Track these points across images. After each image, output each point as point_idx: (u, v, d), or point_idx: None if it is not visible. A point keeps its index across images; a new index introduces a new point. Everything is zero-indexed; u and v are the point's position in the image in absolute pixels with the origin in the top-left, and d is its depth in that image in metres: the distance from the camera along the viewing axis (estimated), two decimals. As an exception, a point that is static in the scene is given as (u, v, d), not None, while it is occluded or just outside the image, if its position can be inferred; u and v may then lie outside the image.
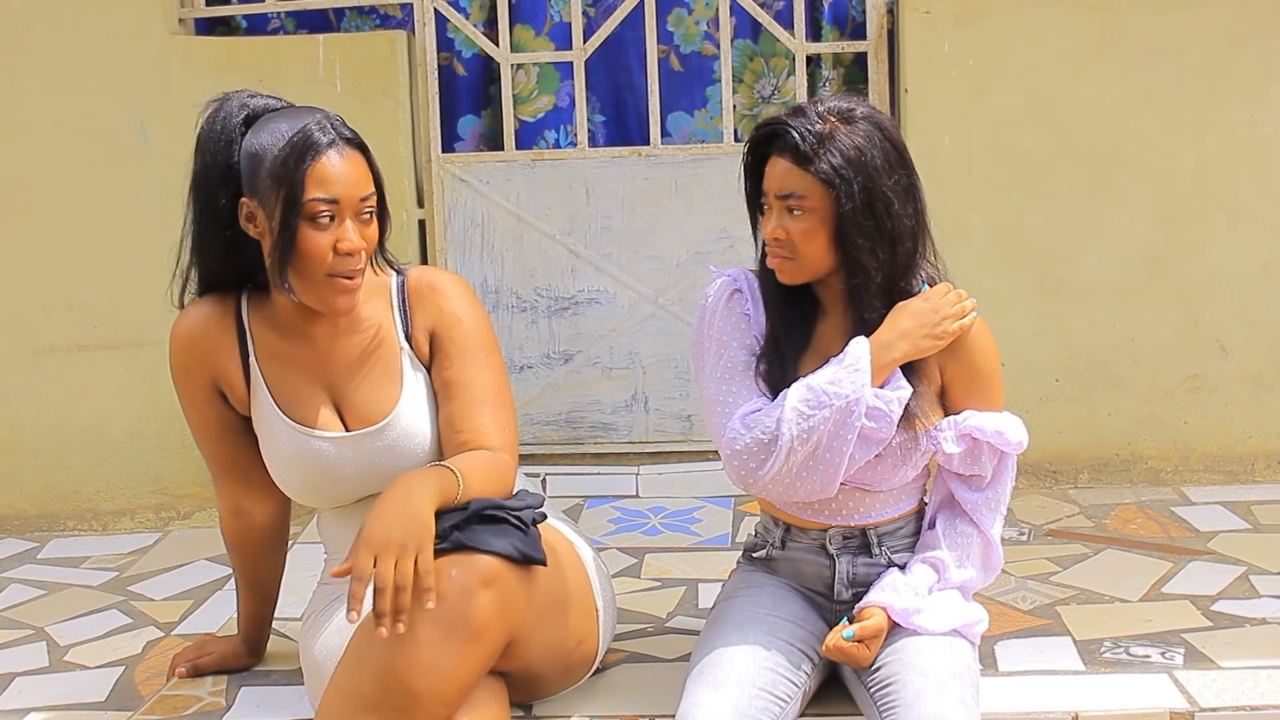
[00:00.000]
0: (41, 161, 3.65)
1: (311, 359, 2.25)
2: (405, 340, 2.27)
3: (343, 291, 2.13)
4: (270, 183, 2.07)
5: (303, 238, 2.08)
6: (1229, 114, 3.47)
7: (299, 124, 2.09)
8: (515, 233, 3.68)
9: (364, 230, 2.13)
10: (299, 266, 2.11)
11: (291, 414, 2.23)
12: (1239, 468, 3.55)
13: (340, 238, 2.10)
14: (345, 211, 2.10)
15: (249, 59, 3.61)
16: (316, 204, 2.07)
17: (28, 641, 2.87)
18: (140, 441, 3.71)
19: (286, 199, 2.06)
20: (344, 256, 2.10)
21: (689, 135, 3.81)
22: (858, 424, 2.06)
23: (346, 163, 2.10)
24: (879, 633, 2.10)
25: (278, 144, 2.08)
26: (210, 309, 2.26)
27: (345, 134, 2.13)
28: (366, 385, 2.24)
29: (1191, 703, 2.24)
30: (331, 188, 2.08)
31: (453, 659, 1.94)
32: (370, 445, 2.22)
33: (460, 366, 2.24)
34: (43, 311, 3.68)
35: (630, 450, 3.72)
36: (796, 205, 2.07)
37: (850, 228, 2.06)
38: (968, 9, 3.48)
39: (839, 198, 2.04)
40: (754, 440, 2.09)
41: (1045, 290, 3.54)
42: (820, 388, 2.06)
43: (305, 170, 2.06)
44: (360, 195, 2.11)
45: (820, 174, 2.04)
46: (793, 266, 2.12)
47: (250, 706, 2.38)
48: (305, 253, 2.09)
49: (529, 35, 3.77)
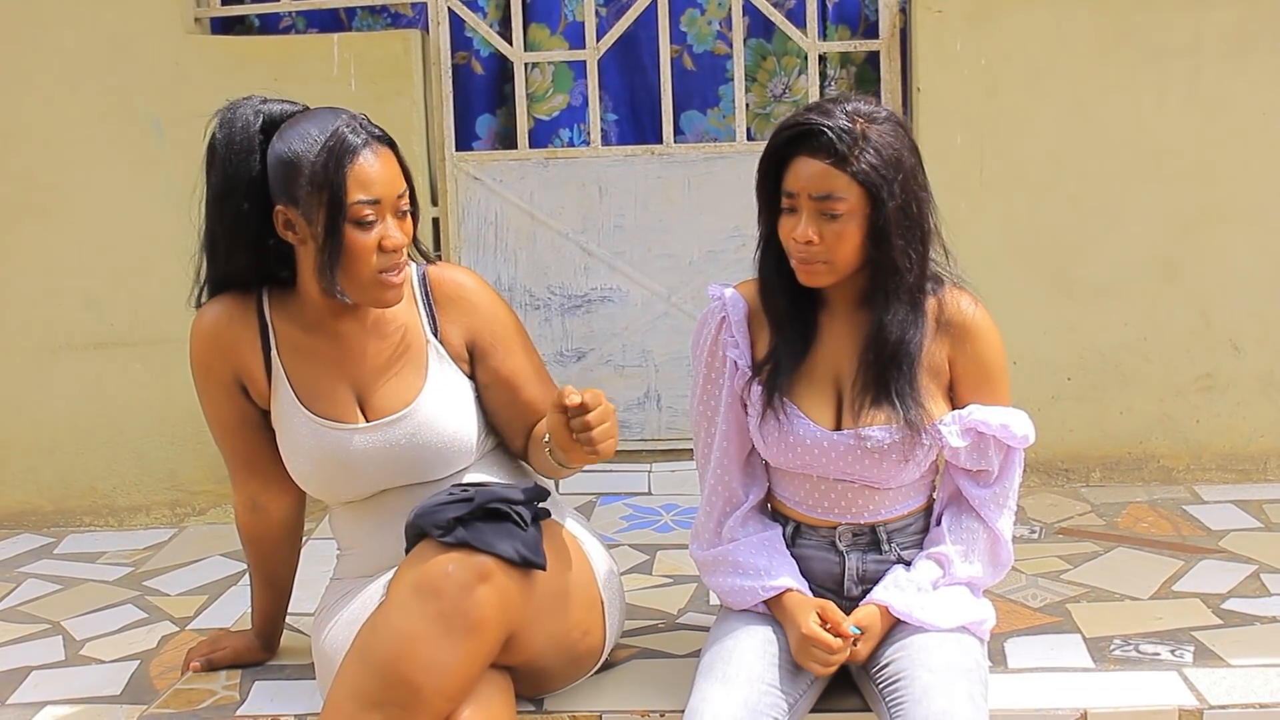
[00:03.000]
0: (58, 160, 3.67)
1: (337, 354, 2.27)
2: (433, 334, 2.29)
3: (391, 287, 2.17)
4: (310, 189, 2.09)
5: (350, 240, 2.11)
6: (1241, 113, 3.47)
7: (329, 127, 2.11)
8: (529, 231, 3.70)
9: (403, 226, 2.16)
10: (348, 268, 2.13)
11: (312, 407, 2.25)
12: (1251, 466, 3.54)
13: (384, 236, 2.12)
14: (386, 210, 2.13)
15: (264, 58, 3.62)
16: (360, 207, 2.10)
17: (44, 636, 2.89)
18: (156, 438, 3.73)
19: (330, 203, 2.08)
20: (389, 253, 2.13)
21: (702, 134, 3.82)
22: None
23: (382, 162, 2.13)
24: (869, 627, 2.11)
25: (313, 150, 2.08)
26: (231, 305, 2.28)
27: (375, 133, 2.16)
28: (390, 378, 2.26)
29: (1201, 700, 2.24)
30: (373, 189, 2.11)
31: (453, 653, 1.95)
32: (388, 435, 2.23)
33: (513, 359, 2.32)
34: (60, 309, 3.71)
35: (643, 448, 3.74)
36: (832, 209, 2.03)
37: (890, 228, 2.04)
38: (980, 8, 3.48)
39: (879, 198, 2.02)
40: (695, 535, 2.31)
41: (1057, 289, 3.54)
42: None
43: (345, 173, 2.08)
44: (397, 193, 2.14)
45: (859, 175, 2.01)
46: (825, 269, 2.09)
47: (264, 700, 2.39)
48: (354, 254, 2.12)
49: (544, 34, 3.78)
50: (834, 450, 2.15)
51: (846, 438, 2.14)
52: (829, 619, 2.09)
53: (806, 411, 2.16)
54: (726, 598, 2.24)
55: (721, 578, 2.24)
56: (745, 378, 2.20)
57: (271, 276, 2.28)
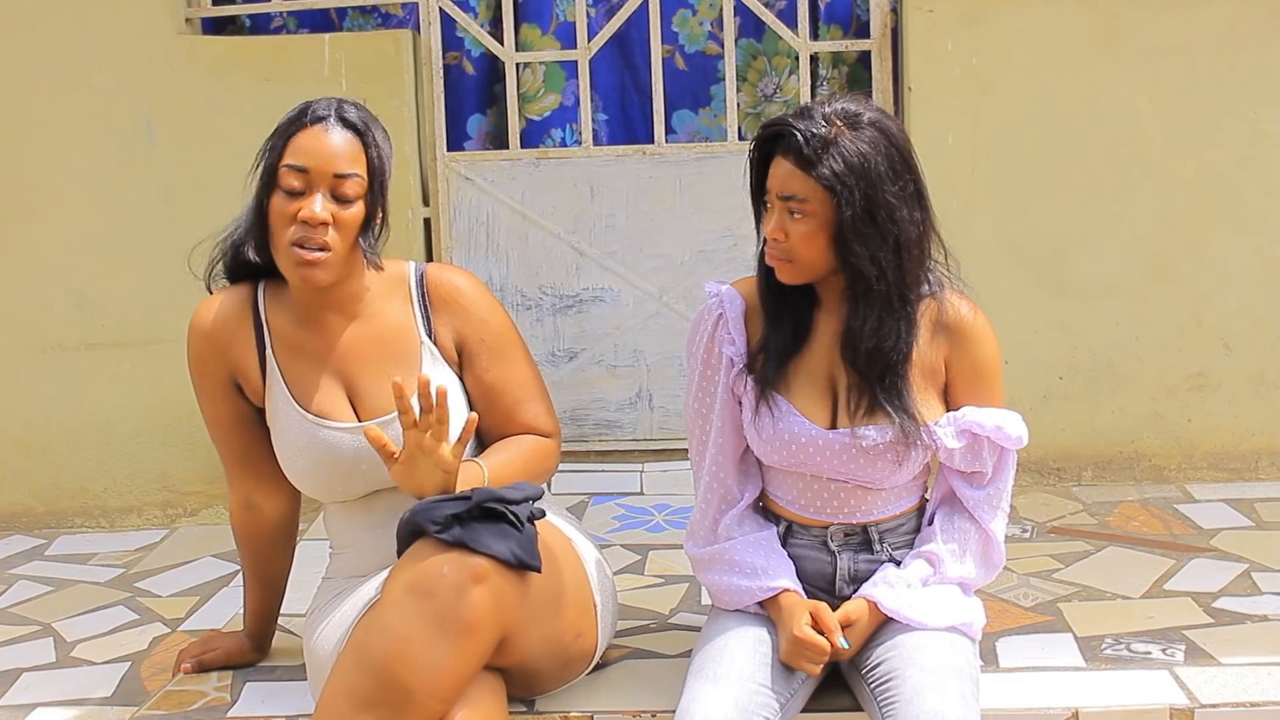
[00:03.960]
0: (49, 161, 3.66)
1: (325, 349, 2.28)
2: (427, 336, 2.29)
3: (301, 263, 2.16)
4: (263, 151, 2.19)
5: (272, 204, 2.17)
6: (1232, 112, 3.47)
7: (311, 102, 2.20)
8: (520, 231, 3.70)
9: (337, 210, 2.17)
10: (270, 233, 2.19)
11: (306, 405, 2.26)
12: (1242, 465, 3.55)
13: (302, 207, 2.14)
14: (317, 184, 2.15)
15: (255, 58, 3.62)
16: (287, 172, 2.15)
17: (35, 637, 2.89)
18: (147, 439, 3.72)
19: (266, 165, 2.17)
20: (303, 225, 2.14)
21: (693, 132, 3.82)
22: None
23: (330, 138, 2.16)
24: (857, 620, 2.12)
25: (285, 118, 2.19)
26: (228, 302, 2.30)
27: (346, 116, 2.19)
28: (382, 377, 2.26)
29: (1192, 699, 2.24)
30: (304, 158, 2.15)
31: (446, 654, 1.95)
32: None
33: (499, 368, 2.32)
34: (50, 310, 3.70)
35: (634, 448, 3.73)
36: (797, 208, 2.06)
37: (850, 234, 2.05)
38: (971, 8, 3.48)
39: (839, 204, 2.04)
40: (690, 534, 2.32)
41: (1049, 288, 3.54)
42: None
43: (288, 139, 2.16)
44: (335, 171, 2.16)
45: (821, 179, 2.03)
46: (790, 268, 2.12)
47: (255, 702, 2.39)
48: (271, 219, 2.17)
49: (536, 34, 3.78)
50: (829, 449, 2.15)
51: (842, 436, 2.14)
52: (821, 622, 2.09)
53: (801, 409, 2.17)
54: (721, 596, 2.24)
55: (717, 575, 2.24)
56: (740, 372, 2.21)
57: (271, 271, 2.29)
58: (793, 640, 2.08)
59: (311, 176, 2.14)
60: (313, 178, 2.14)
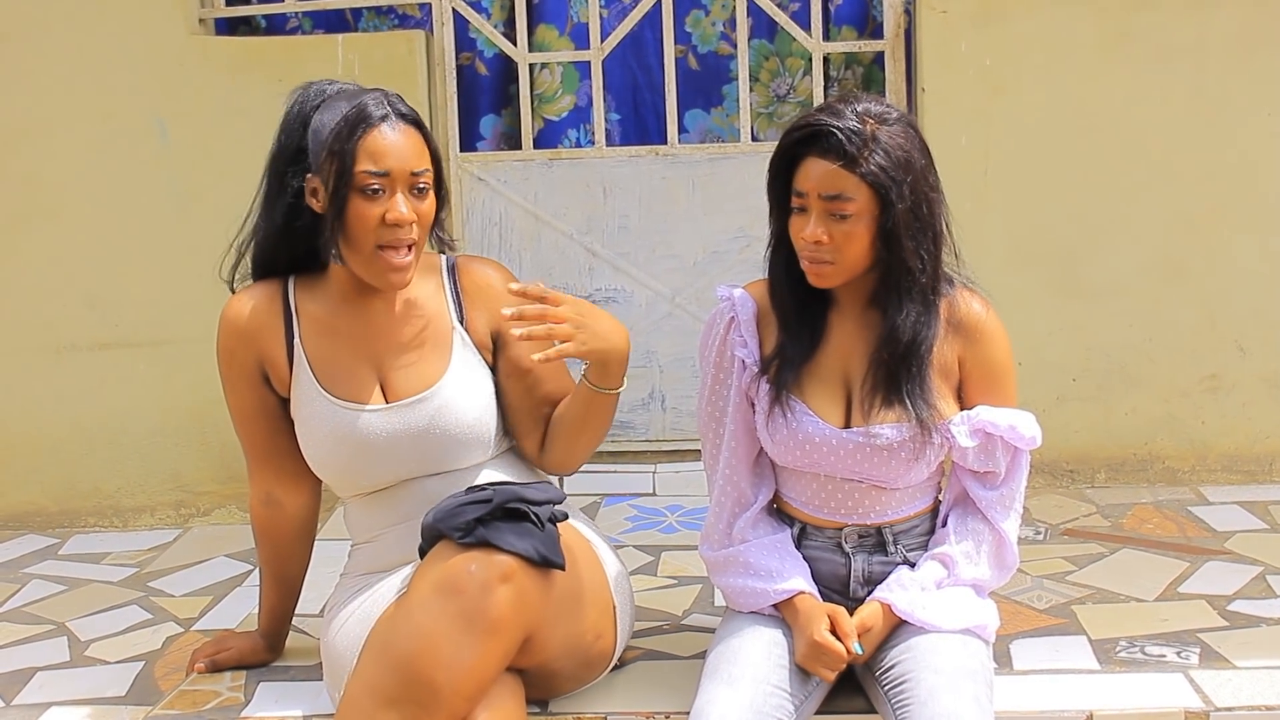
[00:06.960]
0: (62, 161, 3.67)
1: (361, 336, 2.29)
2: (459, 322, 2.30)
3: (392, 267, 2.17)
4: (326, 156, 2.14)
5: (352, 208, 2.14)
6: (1246, 113, 3.46)
7: (357, 100, 2.17)
8: (533, 232, 3.70)
9: (417, 205, 2.17)
10: (349, 238, 2.16)
11: (332, 389, 2.26)
12: (1256, 467, 3.54)
13: (389, 209, 2.14)
14: (396, 184, 2.15)
15: (269, 59, 3.62)
16: (366, 175, 2.13)
17: (49, 637, 2.90)
18: (160, 439, 3.73)
19: (338, 171, 2.13)
20: (391, 228, 2.14)
21: (706, 132, 3.83)
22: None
23: (399, 136, 2.16)
24: (872, 626, 2.12)
25: (335, 119, 2.14)
26: (259, 293, 2.32)
27: (401, 110, 2.19)
28: (413, 361, 2.27)
29: (1207, 702, 2.24)
30: (382, 160, 2.14)
31: (472, 653, 1.96)
32: (406, 417, 2.24)
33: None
34: (64, 310, 3.71)
35: (647, 449, 3.74)
36: (841, 209, 2.04)
37: (900, 229, 2.04)
38: (985, 9, 3.48)
39: (888, 199, 2.03)
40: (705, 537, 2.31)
41: (1062, 290, 3.54)
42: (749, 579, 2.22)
43: (356, 142, 2.13)
44: (412, 169, 2.16)
45: (868, 175, 2.02)
46: (832, 270, 2.09)
47: (269, 701, 2.39)
48: (355, 224, 2.15)
49: (552, 35, 3.78)
50: (843, 448, 2.15)
51: (856, 435, 2.14)
52: (839, 627, 2.09)
53: (815, 409, 2.17)
54: (736, 598, 2.24)
55: (732, 578, 2.24)
56: (752, 375, 2.21)
57: (301, 264, 2.30)
58: (811, 645, 2.08)
59: (391, 178, 2.14)
60: (392, 179, 2.15)
